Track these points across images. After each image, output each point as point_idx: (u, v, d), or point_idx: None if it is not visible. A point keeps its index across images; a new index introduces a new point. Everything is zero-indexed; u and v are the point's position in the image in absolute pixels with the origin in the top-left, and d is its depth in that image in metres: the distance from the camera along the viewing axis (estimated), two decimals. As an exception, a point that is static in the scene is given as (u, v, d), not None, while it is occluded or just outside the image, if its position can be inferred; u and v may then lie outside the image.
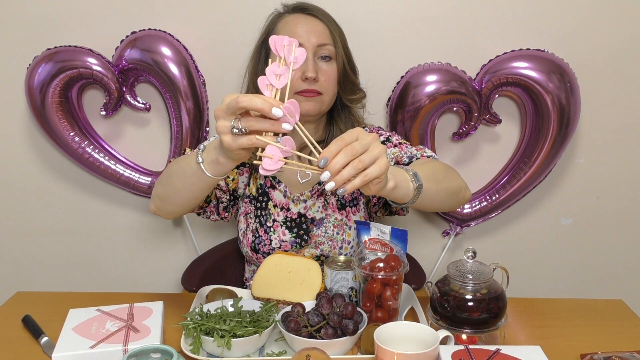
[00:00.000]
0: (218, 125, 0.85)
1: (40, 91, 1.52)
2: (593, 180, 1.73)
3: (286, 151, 0.82)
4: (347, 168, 0.81)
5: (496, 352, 0.90)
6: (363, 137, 0.83)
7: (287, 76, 0.84)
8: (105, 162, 1.64)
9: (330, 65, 1.24)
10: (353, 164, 0.81)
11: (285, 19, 1.26)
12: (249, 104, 0.80)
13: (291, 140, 0.83)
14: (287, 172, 1.32)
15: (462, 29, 1.59)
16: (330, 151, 0.81)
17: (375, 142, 0.84)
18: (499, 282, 1.04)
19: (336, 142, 0.82)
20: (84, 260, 1.82)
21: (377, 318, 1.04)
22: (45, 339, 1.05)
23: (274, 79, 0.84)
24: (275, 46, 0.85)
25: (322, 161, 0.81)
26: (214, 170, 0.95)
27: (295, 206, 1.29)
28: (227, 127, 0.84)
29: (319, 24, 1.25)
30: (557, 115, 1.53)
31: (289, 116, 0.81)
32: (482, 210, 1.68)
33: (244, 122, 0.82)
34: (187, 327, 0.98)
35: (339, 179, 0.81)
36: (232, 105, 0.81)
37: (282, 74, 0.84)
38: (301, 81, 1.20)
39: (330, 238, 1.28)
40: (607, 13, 1.58)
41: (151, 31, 1.55)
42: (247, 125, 0.81)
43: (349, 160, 0.81)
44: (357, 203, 1.31)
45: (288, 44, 0.84)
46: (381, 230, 1.12)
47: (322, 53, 1.23)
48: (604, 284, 1.84)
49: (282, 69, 0.84)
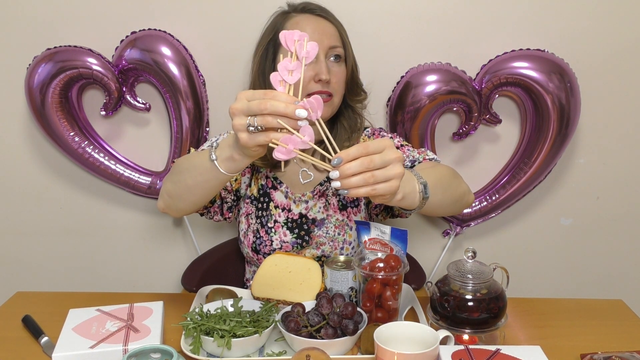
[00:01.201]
0: (234, 124, 0.84)
1: (40, 91, 1.52)
2: (593, 180, 1.73)
3: (304, 142, 0.80)
4: (357, 177, 0.80)
5: (496, 352, 0.90)
6: (387, 154, 0.82)
7: (299, 71, 0.83)
8: (105, 162, 1.63)
9: (341, 66, 1.24)
10: (364, 176, 0.80)
11: (294, 19, 1.25)
12: (272, 109, 0.79)
13: (310, 130, 0.81)
14: (289, 172, 1.32)
15: (462, 29, 1.59)
16: (348, 154, 0.80)
17: (397, 163, 0.82)
18: (499, 282, 1.04)
19: (358, 147, 0.81)
20: (84, 260, 1.82)
21: (377, 318, 1.04)
22: (45, 339, 1.05)
23: (286, 74, 0.83)
24: (286, 41, 0.84)
25: (336, 160, 0.80)
26: (229, 167, 0.95)
27: (296, 207, 1.29)
28: (243, 125, 0.83)
29: (329, 26, 1.24)
30: (557, 115, 1.53)
31: (311, 111, 0.80)
32: (482, 210, 1.68)
33: (260, 119, 0.81)
34: (187, 327, 0.98)
35: (345, 184, 0.81)
36: (254, 109, 0.81)
37: (295, 69, 0.83)
38: (313, 82, 1.19)
39: (332, 238, 1.28)
40: (607, 13, 1.58)
41: (151, 31, 1.55)
42: (264, 122, 0.81)
43: (362, 171, 0.80)
44: (358, 204, 1.30)
45: (299, 38, 0.83)
46: (381, 230, 1.12)
47: (334, 53, 1.22)
48: (604, 284, 1.84)
49: (295, 64, 0.83)
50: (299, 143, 0.80)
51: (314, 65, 1.19)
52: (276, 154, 0.81)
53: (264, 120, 0.80)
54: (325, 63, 1.20)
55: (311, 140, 0.81)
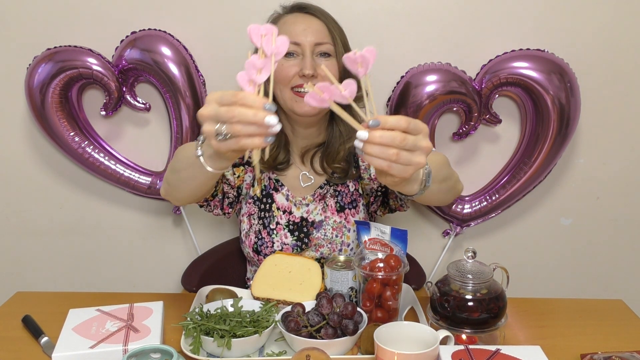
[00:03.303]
0: (203, 130, 0.80)
1: (40, 91, 1.52)
2: (593, 180, 1.73)
3: (343, 96, 0.75)
4: (382, 148, 0.76)
5: (496, 352, 0.90)
6: (420, 139, 0.78)
7: (269, 68, 0.77)
8: (105, 162, 1.63)
9: (330, 61, 1.21)
10: (390, 151, 0.76)
11: (283, 19, 1.25)
12: (240, 117, 0.75)
13: (354, 84, 0.76)
14: (290, 176, 1.31)
15: (462, 29, 1.59)
16: (386, 121, 0.76)
17: (424, 153, 0.79)
18: (499, 282, 1.04)
19: (399, 120, 0.77)
20: (84, 260, 1.82)
21: (377, 318, 1.04)
22: (45, 339, 1.05)
23: (254, 73, 0.77)
24: (252, 36, 0.78)
25: (372, 122, 0.76)
26: (214, 164, 0.92)
27: (297, 210, 1.29)
28: (212, 132, 0.79)
29: (316, 22, 1.22)
30: (557, 115, 1.53)
31: (360, 66, 0.75)
32: (482, 210, 1.68)
33: (228, 127, 0.76)
34: (187, 327, 0.98)
35: (367, 149, 0.77)
36: (222, 116, 0.76)
37: (264, 67, 0.77)
38: (299, 77, 1.18)
39: (330, 241, 1.27)
40: (607, 13, 1.58)
41: (151, 31, 1.55)
42: (233, 131, 0.76)
43: (391, 144, 0.76)
44: (357, 205, 1.30)
45: (266, 32, 0.77)
46: (381, 230, 1.12)
47: (321, 51, 1.21)
48: (604, 284, 1.84)
49: (263, 62, 0.77)
50: (337, 95, 0.75)
51: (300, 60, 1.18)
52: (307, 99, 0.77)
53: (233, 129, 0.76)
54: (310, 58, 1.18)
55: (351, 96, 0.76)
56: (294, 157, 1.32)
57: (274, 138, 0.78)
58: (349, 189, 1.30)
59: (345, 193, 1.30)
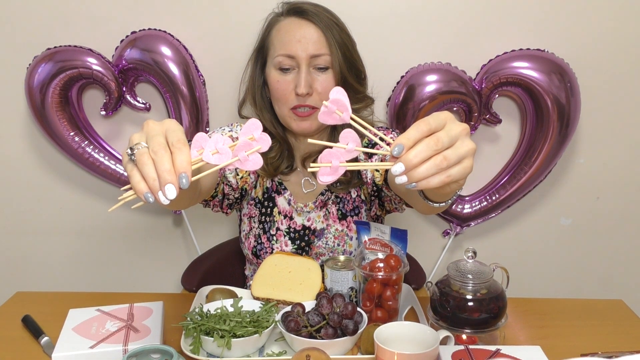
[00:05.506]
0: (133, 136, 0.71)
1: (40, 91, 1.52)
2: (593, 180, 1.73)
3: (350, 151, 0.66)
4: (427, 164, 0.65)
5: (496, 352, 0.90)
6: (452, 127, 0.67)
7: (226, 159, 0.66)
8: (105, 162, 1.63)
9: (327, 75, 1.15)
10: (436, 160, 0.65)
11: (278, 25, 1.19)
12: (144, 173, 0.65)
13: (353, 133, 0.67)
14: (292, 181, 1.29)
15: (462, 29, 1.59)
16: (408, 138, 0.65)
17: (465, 135, 0.68)
18: (499, 282, 1.04)
19: (418, 126, 0.65)
20: (84, 260, 1.82)
21: (377, 318, 1.04)
22: (45, 339, 1.05)
23: (210, 149, 0.66)
24: (248, 129, 0.68)
25: (396, 149, 0.64)
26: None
27: (298, 216, 1.27)
28: (133, 141, 0.69)
29: (313, 30, 1.14)
30: (557, 115, 1.53)
31: (339, 113, 0.66)
32: (482, 210, 1.68)
33: (139, 156, 0.66)
34: (187, 327, 0.98)
35: (415, 176, 0.65)
36: (135, 157, 0.66)
37: (223, 154, 0.66)
38: (295, 95, 1.14)
39: (331, 249, 1.27)
40: (607, 13, 1.58)
41: (151, 31, 1.55)
42: (140, 163, 0.66)
43: (431, 154, 0.65)
44: (359, 212, 1.28)
45: (258, 139, 0.67)
46: (381, 230, 1.12)
47: (318, 64, 1.14)
48: (604, 284, 1.84)
49: (225, 150, 0.66)
50: (343, 154, 0.66)
51: (295, 75, 1.15)
52: (321, 179, 0.67)
53: (141, 161, 0.65)
54: (306, 74, 1.13)
55: (358, 145, 0.67)
56: (297, 162, 1.29)
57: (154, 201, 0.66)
58: (351, 196, 1.28)
59: (348, 200, 1.27)
